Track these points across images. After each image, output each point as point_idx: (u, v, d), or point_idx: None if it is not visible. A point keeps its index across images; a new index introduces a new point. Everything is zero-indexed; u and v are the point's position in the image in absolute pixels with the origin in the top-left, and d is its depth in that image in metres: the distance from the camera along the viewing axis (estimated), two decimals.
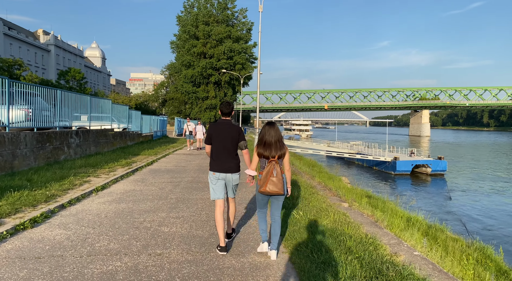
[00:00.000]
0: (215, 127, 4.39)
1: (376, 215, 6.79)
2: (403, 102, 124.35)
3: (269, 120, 4.67)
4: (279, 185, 3.87)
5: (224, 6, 55.36)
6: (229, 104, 4.49)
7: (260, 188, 3.96)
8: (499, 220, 19.00)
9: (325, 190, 7.76)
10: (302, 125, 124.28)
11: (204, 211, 5.89)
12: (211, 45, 53.03)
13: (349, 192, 14.67)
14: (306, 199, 6.32)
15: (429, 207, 21.93)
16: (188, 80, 53.89)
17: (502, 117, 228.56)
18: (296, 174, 9.60)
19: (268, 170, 3.89)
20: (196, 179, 9.13)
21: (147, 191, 7.46)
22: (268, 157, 3.99)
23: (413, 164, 34.73)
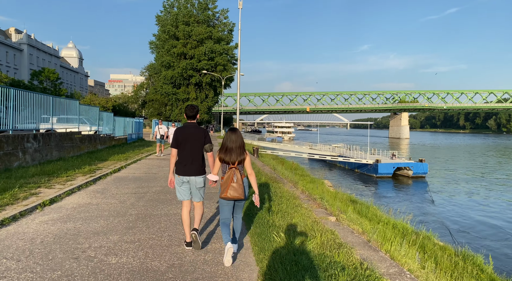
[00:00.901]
0: (181, 131, 4.45)
1: (366, 229, 6.03)
2: (383, 105, 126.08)
3: (232, 127, 5.05)
4: (239, 190, 3.97)
5: (205, 7, 54.32)
6: (193, 107, 4.55)
7: (222, 194, 4.03)
8: (481, 223, 18.85)
9: (310, 200, 6.94)
10: (284, 128, 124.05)
11: (166, 232, 4.93)
12: (192, 45, 51.85)
13: (333, 198, 14.01)
14: (289, 214, 5.46)
15: (413, 210, 21.59)
16: (168, 81, 52.51)
17: (477, 119, 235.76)
18: (278, 182, 8.75)
19: (229, 176, 3.98)
20: (165, 189, 8.13)
21: (105, 205, 6.42)
22: (228, 163, 4.06)
23: (394, 167, 34.60)
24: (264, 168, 12.00)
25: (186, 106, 4.57)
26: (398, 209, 20.85)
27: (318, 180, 22.63)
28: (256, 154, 20.08)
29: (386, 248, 5.26)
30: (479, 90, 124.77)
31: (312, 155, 40.70)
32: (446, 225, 18.30)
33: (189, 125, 4.48)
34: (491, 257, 11.25)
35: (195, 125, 4.51)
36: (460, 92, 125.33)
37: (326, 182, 25.11)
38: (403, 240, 10.06)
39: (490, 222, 19.11)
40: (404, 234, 11.69)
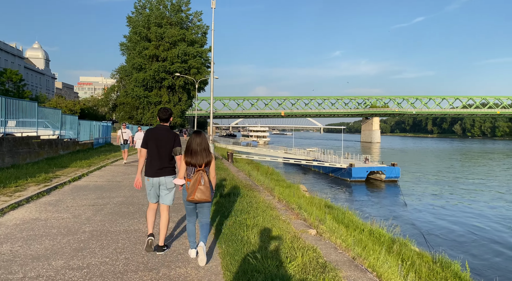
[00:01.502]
0: (152, 132, 4.48)
1: (348, 243, 5.56)
2: (355, 109, 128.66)
3: (197, 130, 4.94)
4: (207, 193, 4.00)
5: (178, 8, 53.27)
6: (166, 110, 4.60)
7: (188, 197, 4.02)
8: (453, 225, 19.11)
9: (287, 211, 6.40)
10: (259, 132, 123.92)
11: (123, 254, 4.22)
12: (164, 47, 50.62)
13: (310, 205, 13.60)
14: (265, 229, 4.88)
15: (387, 214, 21.63)
16: (140, 83, 50.94)
17: (444, 124, 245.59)
18: (253, 190, 8.17)
19: (196, 178, 4.00)
20: (129, 200, 7.35)
21: (54, 220, 5.59)
22: (195, 165, 4.08)
23: (368, 171, 34.91)
24: (239, 174, 11.40)
25: (159, 109, 4.61)
26: (372, 214, 20.89)
27: (293, 185, 22.27)
28: (230, 159, 19.44)
29: (370, 263, 4.81)
30: (446, 96, 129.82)
31: (287, 160, 40.50)
32: (419, 229, 18.38)
33: (161, 127, 4.52)
34: (468, 265, 11.19)
35: (166, 128, 4.55)
36: (428, 97, 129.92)
37: (302, 187, 24.84)
38: (382, 248, 9.74)
39: (461, 224, 19.43)
40: (382, 241, 11.42)
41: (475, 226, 19.10)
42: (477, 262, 13.53)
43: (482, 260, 14.01)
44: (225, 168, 12.68)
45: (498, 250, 15.19)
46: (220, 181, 9.01)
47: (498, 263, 13.50)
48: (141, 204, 6.94)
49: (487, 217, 21.07)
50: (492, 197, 27.49)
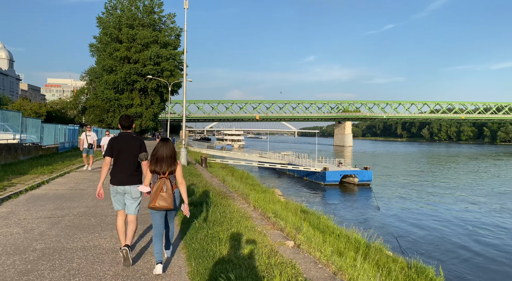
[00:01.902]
0: (116, 140, 4.44)
1: (326, 253, 5.26)
2: (328, 113, 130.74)
3: (164, 137, 4.57)
4: (168, 200, 3.95)
5: (151, 10, 52.14)
6: (128, 117, 4.56)
7: (150, 204, 3.97)
8: (424, 228, 19.40)
9: (263, 220, 6.04)
10: (234, 135, 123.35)
11: (78, 277, 3.69)
12: (136, 49, 49.32)
13: (285, 210, 13.34)
14: (240, 244, 4.48)
15: (361, 218, 21.77)
16: (110, 86, 49.33)
17: (413, 128, 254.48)
18: (227, 198, 7.75)
19: (158, 185, 3.96)
20: (91, 211, 6.74)
21: (1, 237, 4.92)
22: (159, 173, 4.07)
23: (341, 175, 35.22)
24: (213, 180, 10.95)
25: (121, 116, 4.57)
26: (347, 217, 20.92)
27: (268, 189, 21.99)
28: (204, 164, 18.88)
29: (351, 276, 4.54)
30: (414, 101, 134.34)
31: (262, 164, 40.27)
32: (392, 232, 18.52)
33: (125, 135, 4.47)
34: (441, 268, 11.25)
35: (130, 134, 4.51)
36: (398, 102, 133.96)
37: (277, 191, 24.61)
38: (360, 256, 9.57)
39: (431, 227, 19.77)
40: (358, 247, 11.30)
41: (444, 228, 19.50)
42: (449, 265, 13.68)
43: (454, 263, 14.19)
44: (198, 173, 12.18)
45: (467, 253, 15.48)
46: (192, 188, 8.55)
47: (469, 266, 13.72)
48: (104, 215, 6.37)
49: (455, 220, 21.60)
50: (457, 200, 28.34)
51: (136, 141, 4.44)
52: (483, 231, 19.05)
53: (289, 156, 47.11)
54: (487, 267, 13.71)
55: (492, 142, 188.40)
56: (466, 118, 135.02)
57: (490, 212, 23.79)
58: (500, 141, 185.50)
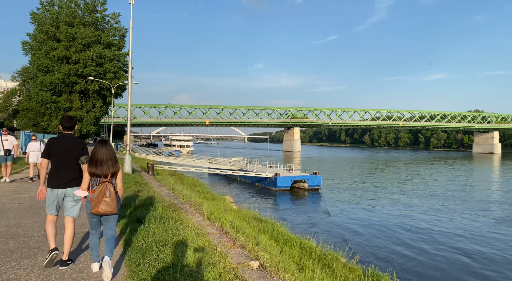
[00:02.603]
0: (55, 141, 4.30)
1: (293, 272, 4.81)
2: (277, 120, 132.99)
3: (102, 138, 4.35)
4: (112, 204, 3.86)
5: (92, 8, 49.03)
6: (70, 118, 4.47)
7: (92, 209, 3.87)
8: (374, 232, 19.95)
9: (222, 235, 5.42)
10: (183, 141, 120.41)
11: None
12: (76, 49, 45.99)
13: (240, 219, 12.79)
14: (199, 271, 3.81)
15: (312, 223, 21.91)
16: (47, 87, 45.38)
17: (355, 135, 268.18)
18: (179, 210, 6.96)
19: (101, 190, 3.84)
20: (11, 230, 5.61)
21: None
22: (100, 176, 3.95)
23: (292, 180, 35.56)
24: (161, 190, 10.06)
25: (62, 117, 4.50)
26: (299, 223, 20.91)
27: (220, 197, 21.35)
28: (151, 171, 17.69)
29: None
30: (357, 109, 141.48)
31: (213, 170, 39.37)
32: (343, 236, 18.82)
33: (65, 136, 4.35)
34: (396, 275, 11.41)
35: (72, 136, 4.40)
36: (342, 110, 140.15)
37: (228, 198, 24.00)
38: (318, 267, 9.30)
39: (379, 229, 20.47)
40: (315, 257, 11.09)
41: (388, 230, 20.26)
42: (402, 270, 13.99)
43: (406, 267, 14.55)
44: (144, 183, 11.18)
45: (411, 252, 16.08)
46: (138, 200, 7.67)
47: (420, 269, 14.17)
48: (28, 236, 5.32)
49: (396, 221, 22.64)
50: (397, 202, 29.93)
51: (78, 143, 4.32)
52: (423, 230, 20.21)
53: (240, 162, 46.74)
54: (434, 266, 14.30)
55: (426, 148, 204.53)
56: (403, 125, 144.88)
57: (427, 212, 25.44)
58: (433, 147, 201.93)
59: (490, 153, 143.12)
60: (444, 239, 18.33)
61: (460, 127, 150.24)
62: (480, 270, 13.96)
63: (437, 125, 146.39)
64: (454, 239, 18.37)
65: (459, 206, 28.04)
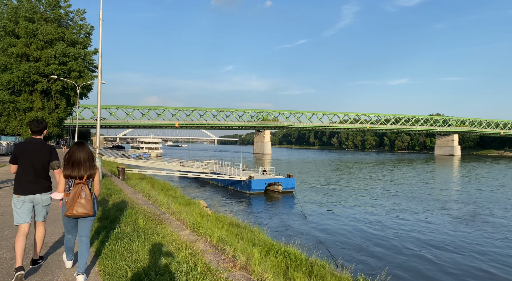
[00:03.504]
0: (23, 146, 4.18)
1: None
2: (248, 122, 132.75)
3: (79, 140, 4.40)
4: (88, 206, 3.78)
5: (55, 3, 46.47)
6: (40, 122, 4.36)
7: (67, 211, 3.77)
8: (350, 233, 20.00)
9: (218, 255, 4.76)
10: (151, 143, 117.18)
11: None
12: (38, 46, 43.35)
13: (216, 224, 12.15)
14: None
15: (291, 228, 21.57)
16: (4, 86, 42.41)
17: (324, 137, 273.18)
18: (162, 223, 6.14)
19: (76, 191, 3.78)
20: None
21: None
22: (76, 177, 3.89)
23: (266, 183, 35.18)
24: (136, 197, 9.23)
25: (31, 121, 4.40)
26: (277, 228, 20.48)
27: (193, 201, 20.56)
28: (122, 175, 16.58)
29: None
30: (326, 112, 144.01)
31: (185, 173, 38.22)
32: (322, 240, 18.60)
33: (33, 141, 4.22)
34: None
35: (40, 140, 4.28)
36: (311, 113, 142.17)
37: (202, 203, 23.21)
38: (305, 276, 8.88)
39: (355, 231, 20.54)
40: (301, 265, 10.68)
41: (366, 232, 20.33)
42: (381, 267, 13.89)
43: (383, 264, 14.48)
44: (117, 189, 10.27)
45: (393, 255, 16.10)
46: (114, 211, 6.85)
47: (396, 266, 14.15)
48: None
49: (369, 221, 22.95)
50: (367, 202, 30.44)
51: (46, 148, 4.19)
52: (393, 230, 20.58)
53: (212, 164, 45.83)
54: (416, 266, 14.34)
55: (391, 150, 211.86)
56: (370, 128, 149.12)
57: (395, 212, 26.13)
58: (397, 149, 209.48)
59: (451, 155, 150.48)
60: (412, 238, 18.83)
61: (423, 130, 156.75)
62: (446, 266, 14.15)
63: (401, 128, 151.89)
64: (422, 236, 18.95)
65: (424, 205, 28.96)
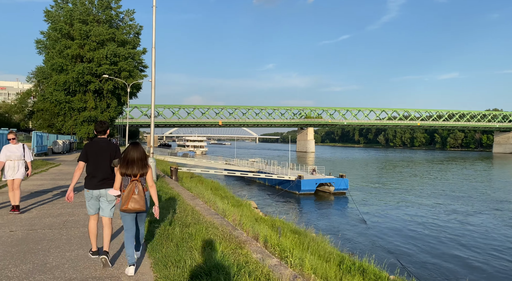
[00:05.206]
0: (91, 145, 4.58)
1: None
2: (291, 120, 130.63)
3: (134, 141, 4.81)
4: (141, 202, 4.04)
5: (107, 5, 47.77)
6: (103, 123, 4.74)
7: (122, 206, 4.06)
8: (420, 242, 18.04)
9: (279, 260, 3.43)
10: (196, 141, 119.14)
11: None
12: (90, 47, 44.73)
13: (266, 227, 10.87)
14: None
15: (348, 233, 19.90)
16: (60, 87, 44.23)
17: (370, 135, 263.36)
18: (241, 246, 4.84)
19: (130, 188, 4.06)
20: None
21: None
22: (130, 175, 4.15)
23: (317, 183, 33.47)
24: (196, 204, 8.13)
25: (95, 122, 4.72)
26: (335, 234, 18.84)
27: (244, 202, 19.54)
28: (175, 176, 15.81)
29: None
30: (373, 108, 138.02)
31: (232, 172, 37.48)
32: (391, 251, 16.77)
33: (100, 140, 4.62)
34: None
35: (105, 140, 4.65)
36: (357, 109, 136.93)
37: (252, 204, 22.16)
38: None
39: (427, 239, 18.49)
40: None
41: (440, 241, 18.16)
42: None
43: None
44: (174, 194, 9.26)
45: (479, 268, 13.97)
46: (179, 227, 5.69)
47: None
48: None
49: (445, 229, 20.53)
50: (437, 206, 27.71)
51: (112, 147, 4.58)
52: (469, 238, 18.38)
53: (258, 163, 44.83)
54: None
55: (443, 148, 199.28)
56: (421, 124, 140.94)
57: (464, 215, 23.69)
58: (449, 147, 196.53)
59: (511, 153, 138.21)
60: (488, 246, 16.55)
61: (480, 127, 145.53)
62: None
63: (455, 124, 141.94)
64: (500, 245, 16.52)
65: (493, 208, 25.84)
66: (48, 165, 18.05)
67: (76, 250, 4.58)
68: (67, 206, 7.65)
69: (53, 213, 6.87)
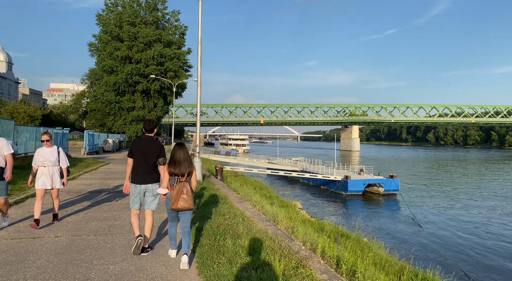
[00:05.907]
0: (138, 142, 4.85)
1: None
2: (334, 117, 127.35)
3: (179, 141, 4.95)
4: (189, 201, 4.30)
5: (153, 7, 49.13)
6: (151, 122, 4.98)
7: (172, 205, 4.30)
8: (482, 248, 16.23)
9: None
10: (238, 140, 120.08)
11: None
12: (138, 48, 46.23)
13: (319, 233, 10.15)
14: None
15: (401, 237, 18.52)
16: (111, 88, 46.20)
17: (418, 133, 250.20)
18: (301, 263, 4.25)
19: (179, 188, 4.29)
20: None
21: None
22: (178, 175, 4.37)
23: (365, 184, 31.88)
24: (245, 208, 7.57)
25: (144, 121, 5.27)
26: (387, 240, 17.52)
27: (288, 203, 18.81)
28: (220, 175, 15.46)
29: None
30: (423, 105, 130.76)
31: (276, 171, 36.85)
32: (451, 258, 15.26)
33: (146, 138, 4.87)
34: None
35: (152, 138, 4.90)
36: (406, 106, 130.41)
37: (297, 204, 21.41)
38: None
39: (490, 246, 16.68)
40: None
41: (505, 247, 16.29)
42: None
43: None
44: (221, 196, 8.77)
45: None
46: (230, 238, 5.09)
47: None
48: None
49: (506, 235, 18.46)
50: (498, 210, 25.20)
51: (157, 145, 4.86)
52: None
53: (301, 162, 43.80)
54: None
55: (500, 147, 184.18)
56: (476, 121, 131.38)
57: None
58: (508, 145, 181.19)
59: None
60: None
61: None
62: None
63: None
64: None
65: None
66: (98, 163, 18.54)
67: (120, 262, 4.16)
68: (113, 209, 7.43)
69: (99, 216, 6.62)
